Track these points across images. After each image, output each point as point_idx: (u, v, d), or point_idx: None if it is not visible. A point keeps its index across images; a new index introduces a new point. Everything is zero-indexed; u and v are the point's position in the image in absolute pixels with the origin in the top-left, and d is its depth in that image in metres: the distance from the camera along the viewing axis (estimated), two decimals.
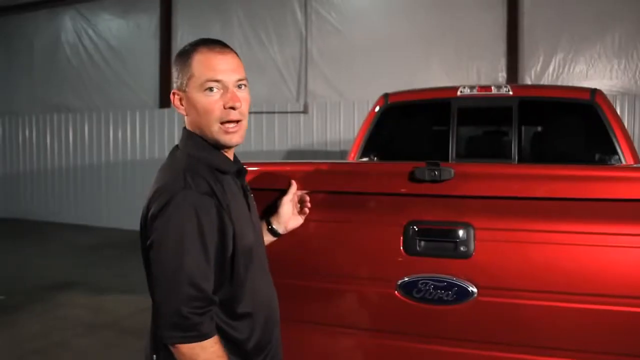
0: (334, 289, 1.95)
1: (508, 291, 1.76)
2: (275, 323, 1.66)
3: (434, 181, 1.78)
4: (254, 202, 1.70)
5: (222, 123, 1.49)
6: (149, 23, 11.04)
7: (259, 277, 1.59)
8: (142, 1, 11.09)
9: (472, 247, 1.76)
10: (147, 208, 1.44)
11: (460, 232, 1.77)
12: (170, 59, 10.55)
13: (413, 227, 1.83)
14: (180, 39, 10.41)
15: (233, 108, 1.48)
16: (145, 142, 11.03)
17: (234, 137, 1.51)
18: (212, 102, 1.47)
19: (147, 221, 1.44)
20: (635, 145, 3.56)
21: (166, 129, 10.70)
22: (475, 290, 1.76)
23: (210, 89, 1.47)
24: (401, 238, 1.83)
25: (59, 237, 10.17)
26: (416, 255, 1.81)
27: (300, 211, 1.89)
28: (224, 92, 1.48)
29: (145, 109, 11.02)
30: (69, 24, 11.97)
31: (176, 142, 6.68)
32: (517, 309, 1.77)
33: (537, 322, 1.77)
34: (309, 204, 1.88)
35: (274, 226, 1.85)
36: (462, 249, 1.77)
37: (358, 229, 1.91)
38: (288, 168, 2.02)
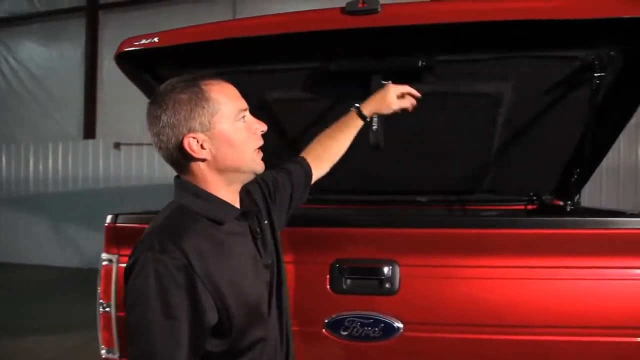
0: None
1: (433, 326, 1.81)
2: None
3: (364, 12, 1.90)
4: (272, 240, 1.56)
5: (255, 150, 1.41)
6: (74, 52, 10.75)
7: (261, 325, 1.42)
8: (67, 29, 10.80)
9: (397, 283, 1.80)
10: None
11: (385, 269, 1.81)
12: (96, 90, 10.31)
13: (339, 266, 1.85)
14: (107, 70, 10.18)
15: (262, 131, 1.43)
16: (69, 174, 10.64)
17: (262, 163, 1.44)
18: (247, 129, 1.39)
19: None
20: None
21: (90, 161, 10.37)
22: (401, 325, 1.81)
23: (243, 117, 1.38)
24: (327, 276, 1.86)
25: None
26: (343, 293, 1.83)
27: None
28: (249, 120, 1.41)
29: (69, 141, 10.66)
30: None
31: (101, 174, 6.50)
32: (442, 343, 1.82)
33: (462, 355, 1.83)
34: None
35: (366, 113, 1.88)
36: (387, 285, 1.80)
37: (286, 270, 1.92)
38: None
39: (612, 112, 2.41)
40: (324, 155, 1.82)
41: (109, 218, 2.19)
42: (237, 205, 1.44)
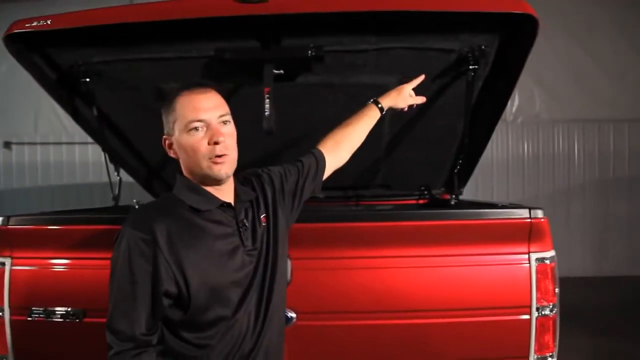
0: None
1: (324, 314, 1.97)
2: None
3: (254, 1, 2.02)
4: (267, 230, 1.67)
5: (210, 158, 1.53)
6: None
7: (226, 306, 1.54)
8: None
9: (289, 275, 1.91)
10: None
11: None
12: None
13: None
14: None
15: (217, 143, 1.52)
16: None
17: (221, 170, 1.54)
18: (198, 140, 1.52)
19: None
20: None
21: None
22: (294, 315, 1.93)
23: (195, 128, 1.52)
24: None
25: None
26: None
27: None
28: (207, 130, 1.53)
29: None
30: None
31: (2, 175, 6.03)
32: (334, 331, 1.98)
33: (353, 341, 1.99)
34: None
35: (384, 105, 2.04)
36: None
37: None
38: None
39: (486, 104, 2.64)
40: (344, 141, 1.94)
41: None
42: (229, 197, 1.61)
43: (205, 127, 1.53)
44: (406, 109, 2.11)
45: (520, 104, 8.55)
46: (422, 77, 2.14)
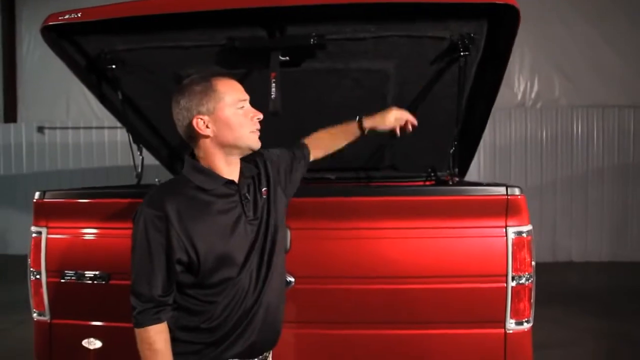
0: None
1: (319, 279, 2.21)
2: (247, 315, 1.79)
3: None
4: (268, 202, 1.88)
5: (252, 131, 1.79)
6: None
7: (231, 268, 1.76)
8: None
9: (288, 244, 2.15)
10: None
11: None
12: (15, 71, 10.04)
13: None
14: (27, 50, 9.94)
15: (259, 118, 1.81)
16: None
17: (259, 141, 1.82)
18: (246, 114, 1.78)
19: None
20: None
21: (12, 145, 10.13)
22: (292, 279, 2.17)
23: (242, 106, 1.77)
24: None
25: None
26: None
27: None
28: (247, 108, 1.79)
29: None
30: None
31: (24, 158, 6.56)
32: (327, 293, 2.22)
33: (345, 302, 2.22)
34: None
35: (365, 125, 2.18)
36: None
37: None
38: None
39: (479, 89, 2.82)
40: (322, 145, 2.19)
41: (37, 194, 2.43)
42: (235, 173, 1.82)
43: (245, 105, 1.80)
44: (395, 129, 2.23)
45: (540, 89, 8.60)
46: (410, 116, 2.27)
